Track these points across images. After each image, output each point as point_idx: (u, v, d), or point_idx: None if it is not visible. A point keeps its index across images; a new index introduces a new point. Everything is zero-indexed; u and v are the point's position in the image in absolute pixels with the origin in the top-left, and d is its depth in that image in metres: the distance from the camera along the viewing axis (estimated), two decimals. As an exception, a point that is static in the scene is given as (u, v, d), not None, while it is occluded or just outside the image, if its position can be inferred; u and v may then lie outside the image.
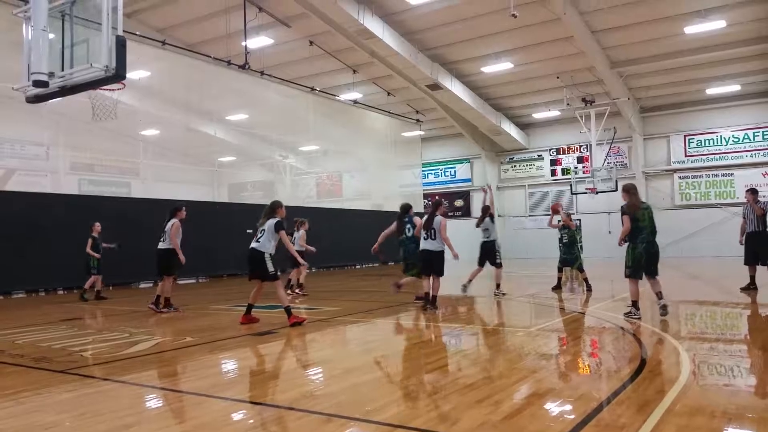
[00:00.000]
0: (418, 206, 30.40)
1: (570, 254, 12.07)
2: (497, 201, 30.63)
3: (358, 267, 24.84)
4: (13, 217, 13.97)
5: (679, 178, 26.08)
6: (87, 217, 15.17)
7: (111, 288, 15.48)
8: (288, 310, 8.05)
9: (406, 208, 10.68)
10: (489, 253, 11.43)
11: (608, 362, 5.77)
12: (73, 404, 4.51)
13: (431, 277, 9.51)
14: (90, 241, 12.59)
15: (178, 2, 18.83)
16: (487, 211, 11.52)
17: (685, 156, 25.96)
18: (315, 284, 15.16)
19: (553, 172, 29.17)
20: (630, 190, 8.21)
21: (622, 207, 8.16)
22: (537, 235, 27.28)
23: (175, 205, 10.45)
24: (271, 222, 8.13)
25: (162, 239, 10.12)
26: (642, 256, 7.97)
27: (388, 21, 19.06)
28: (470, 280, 11.53)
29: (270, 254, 8.10)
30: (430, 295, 9.49)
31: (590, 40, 19.69)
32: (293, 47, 21.41)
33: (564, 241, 12.11)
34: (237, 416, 4.22)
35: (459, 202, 31.72)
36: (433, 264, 9.46)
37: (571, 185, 25.41)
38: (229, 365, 6.18)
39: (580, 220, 26.54)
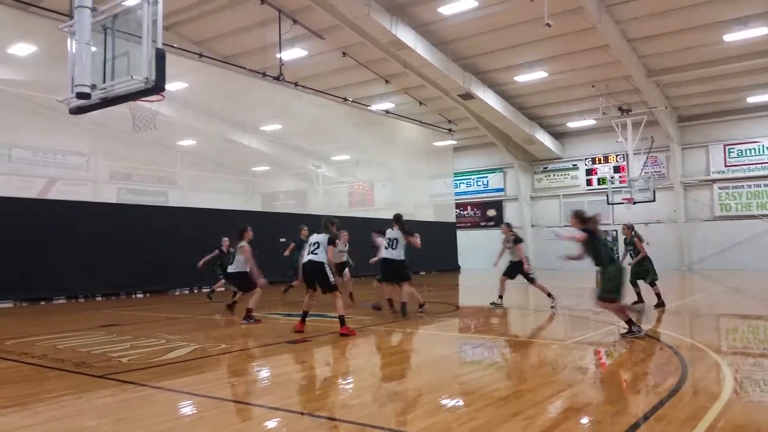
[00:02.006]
0: (451, 216, 30.30)
1: (640, 267, 10.99)
2: (531, 211, 30.34)
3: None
4: (54, 225, 14.36)
5: (719, 188, 25.45)
6: (125, 226, 15.55)
7: (148, 295, 15.80)
8: (342, 319, 8.18)
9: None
10: None
11: (647, 377, 5.65)
12: (113, 409, 4.59)
13: (404, 284, 10.13)
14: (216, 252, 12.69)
15: (215, 15, 19.23)
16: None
17: (725, 166, 25.33)
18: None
19: (589, 182, 28.78)
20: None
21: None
22: (570, 246, 26.81)
23: (241, 227, 9.98)
24: (324, 236, 8.35)
25: (231, 262, 10.12)
26: None
27: (420, 32, 19.13)
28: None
29: (328, 265, 8.28)
30: (400, 301, 10.09)
31: (626, 48, 19.43)
32: (327, 58, 21.63)
33: (633, 257, 11.06)
34: (271, 424, 4.25)
35: (491, 212, 31.49)
36: (398, 271, 10.20)
37: (607, 195, 24.98)
38: (263, 373, 6.23)
39: (616, 230, 26.04)
